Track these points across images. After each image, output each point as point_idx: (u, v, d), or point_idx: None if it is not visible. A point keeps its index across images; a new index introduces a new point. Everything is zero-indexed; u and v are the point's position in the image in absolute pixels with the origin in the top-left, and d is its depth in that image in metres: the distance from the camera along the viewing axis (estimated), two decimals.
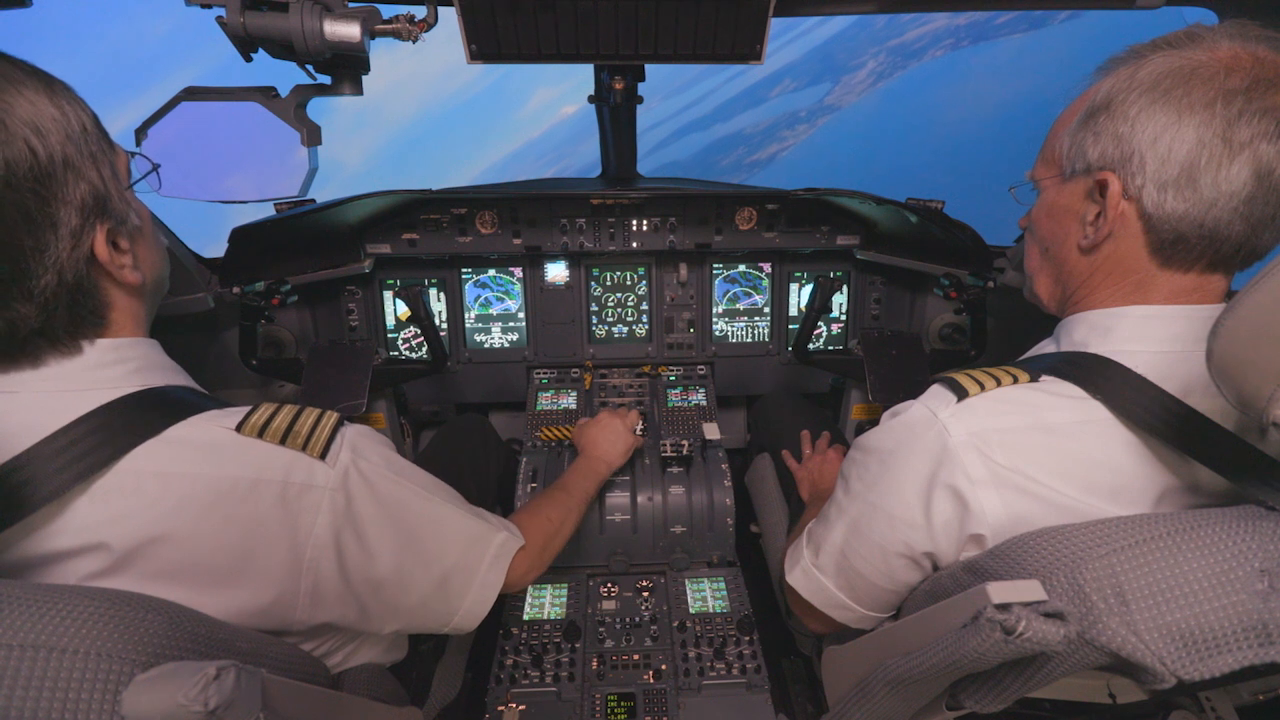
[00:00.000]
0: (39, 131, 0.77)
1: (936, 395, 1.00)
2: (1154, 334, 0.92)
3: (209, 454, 0.87)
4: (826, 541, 1.15)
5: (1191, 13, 1.49)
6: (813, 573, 1.18)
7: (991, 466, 0.91)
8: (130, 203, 0.91)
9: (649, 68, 1.93)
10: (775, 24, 1.79)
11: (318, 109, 1.41)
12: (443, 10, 1.32)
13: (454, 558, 1.12)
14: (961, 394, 0.96)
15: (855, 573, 1.11)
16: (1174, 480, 0.91)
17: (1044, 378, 0.96)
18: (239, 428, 0.89)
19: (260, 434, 0.90)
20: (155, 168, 1.02)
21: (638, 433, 2.02)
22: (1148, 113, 0.85)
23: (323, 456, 0.93)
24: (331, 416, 0.98)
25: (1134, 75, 0.87)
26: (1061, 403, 0.92)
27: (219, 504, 0.86)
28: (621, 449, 1.90)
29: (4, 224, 0.75)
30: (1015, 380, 0.96)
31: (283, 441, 0.91)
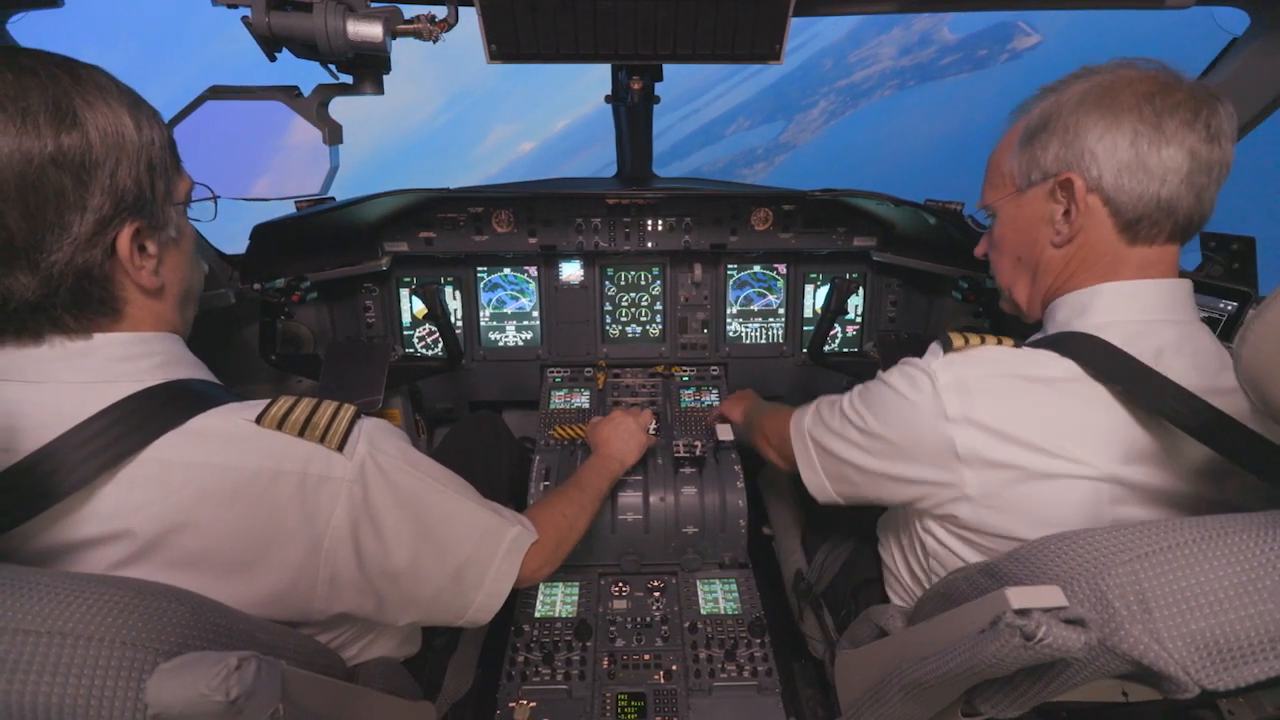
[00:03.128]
0: (105, 134, 0.83)
1: (931, 350, 1.14)
2: (1126, 306, 1.05)
3: (230, 445, 0.88)
4: (827, 439, 1.31)
5: (1222, 12, 1.46)
6: (807, 441, 1.38)
7: (968, 405, 1.03)
8: (173, 217, 0.95)
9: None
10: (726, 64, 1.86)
11: None
12: (463, 10, 1.33)
13: (469, 550, 1.13)
14: (949, 347, 1.11)
15: (839, 467, 1.29)
16: (1146, 441, 0.98)
17: (1028, 346, 1.08)
18: (259, 419, 0.91)
19: (280, 426, 0.91)
20: (214, 197, 1.07)
21: (650, 432, 2.03)
22: (1084, 121, 1.03)
23: (340, 448, 0.94)
24: (349, 409, 0.99)
25: (1059, 100, 1.07)
26: (1042, 358, 1.04)
27: (240, 494, 0.87)
28: (634, 447, 1.90)
29: (38, 196, 0.79)
30: (1000, 343, 1.09)
31: (301, 433, 0.92)
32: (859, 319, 2.71)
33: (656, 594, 2.01)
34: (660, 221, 2.46)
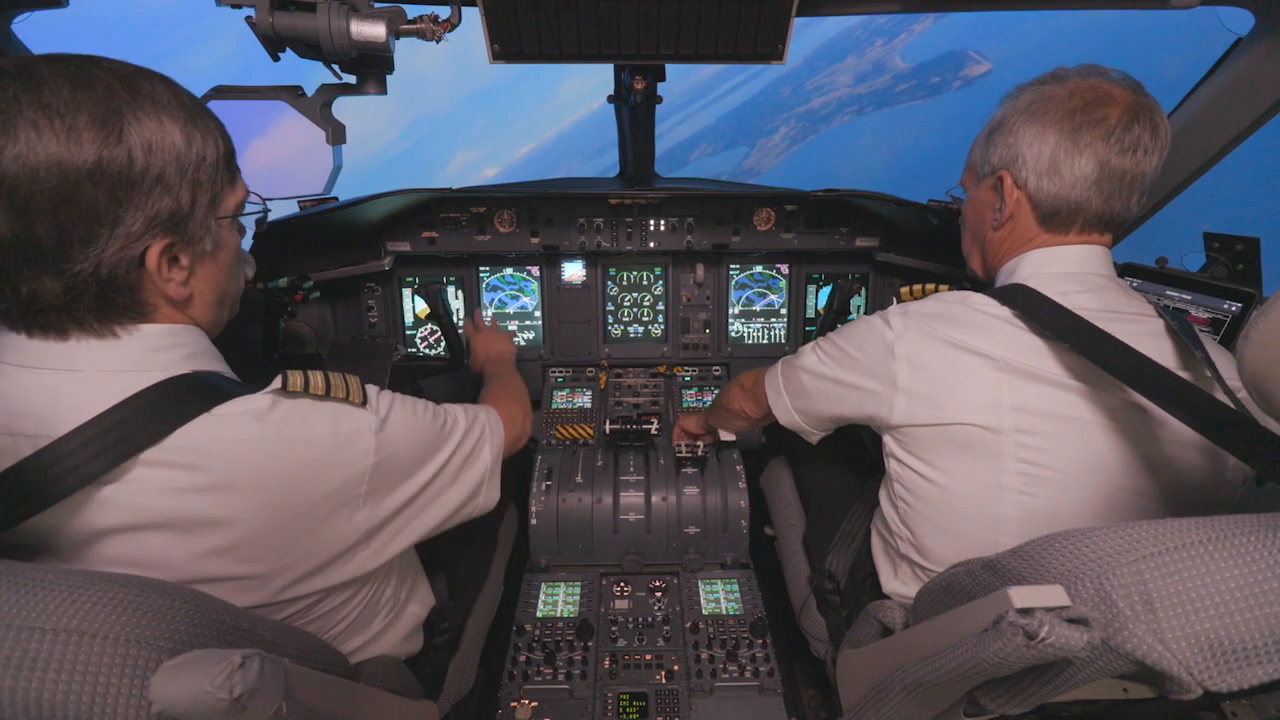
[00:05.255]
0: (149, 149, 0.83)
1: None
2: (1044, 264, 1.26)
3: (261, 419, 0.91)
4: (794, 361, 1.55)
5: (1226, 12, 1.46)
6: (778, 370, 1.62)
7: (907, 322, 1.28)
8: (212, 230, 0.94)
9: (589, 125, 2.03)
10: (686, 90, 1.89)
11: None
12: (466, 10, 1.33)
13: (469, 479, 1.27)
14: (900, 298, 1.43)
15: (798, 378, 1.52)
16: (1040, 345, 1.17)
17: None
18: (283, 389, 0.94)
19: (305, 391, 0.95)
20: (265, 212, 1.12)
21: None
22: (1024, 128, 1.23)
23: (363, 403, 1.01)
24: (355, 377, 1.05)
25: (1014, 104, 1.27)
26: (976, 297, 1.27)
27: (281, 461, 0.90)
28: (504, 344, 2.23)
29: (70, 208, 0.79)
30: (938, 289, 1.38)
31: (326, 396, 0.97)
32: None
33: (658, 594, 2.01)
34: (662, 221, 2.46)
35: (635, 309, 2.70)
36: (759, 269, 2.67)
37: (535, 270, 2.63)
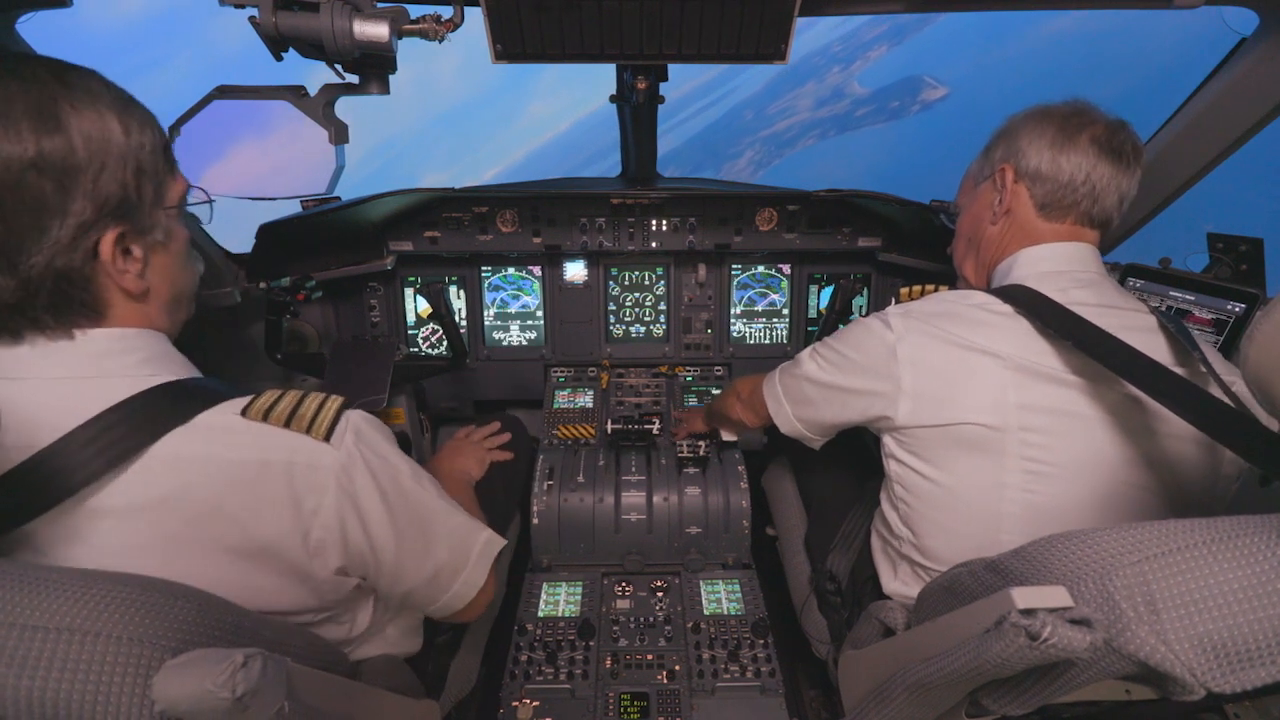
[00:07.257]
0: (89, 138, 0.82)
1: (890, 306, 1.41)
2: (1039, 261, 1.32)
3: (219, 437, 0.89)
4: (793, 369, 1.54)
5: (1231, 12, 1.45)
6: (775, 380, 1.60)
7: (909, 323, 1.29)
8: (162, 221, 0.93)
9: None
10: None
11: None
12: (469, 10, 1.33)
13: (444, 556, 1.14)
14: (899, 298, 1.48)
15: (799, 388, 1.51)
16: (1044, 346, 1.20)
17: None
18: (244, 412, 0.91)
19: (265, 418, 0.91)
20: (210, 201, 1.07)
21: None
22: (1024, 128, 1.35)
23: (327, 439, 0.94)
24: (335, 401, 0.99)
25: (1014, 117, 1.39)
26: (977, 295, 1.31)
27: (230, 484, 0.88)
28: (472, 460, 1.86)
29: (16, 201, 0.79)
30: (937, 289, 1.44)
31: (287, 424, 0.92)
32: None
33: (660, 594, 2.01)
34: (664, 221, 2.46)
35: (637, 309, 2.70)
36: (761, 269, 2.67)
37: (537, 270, 2.63)
